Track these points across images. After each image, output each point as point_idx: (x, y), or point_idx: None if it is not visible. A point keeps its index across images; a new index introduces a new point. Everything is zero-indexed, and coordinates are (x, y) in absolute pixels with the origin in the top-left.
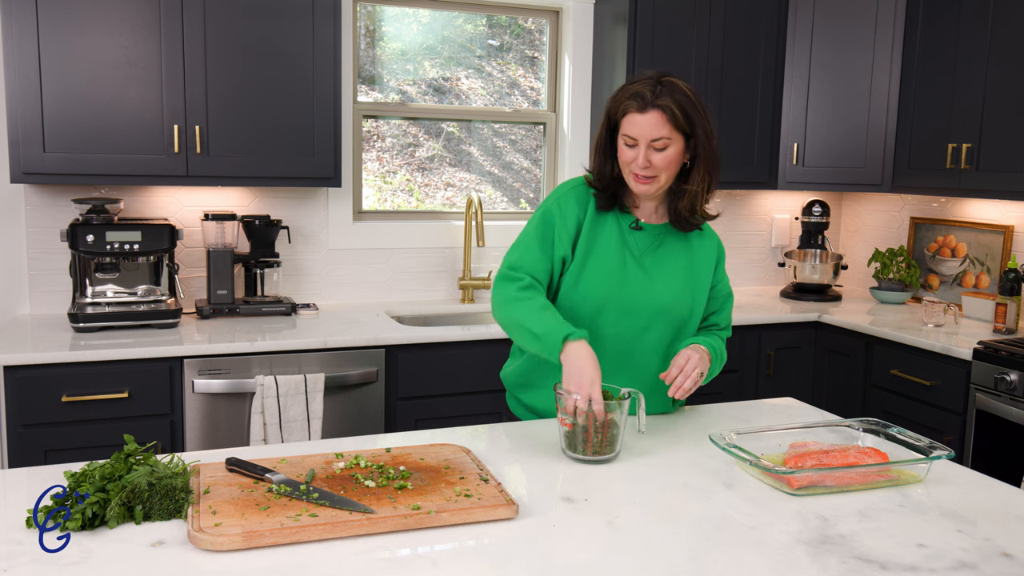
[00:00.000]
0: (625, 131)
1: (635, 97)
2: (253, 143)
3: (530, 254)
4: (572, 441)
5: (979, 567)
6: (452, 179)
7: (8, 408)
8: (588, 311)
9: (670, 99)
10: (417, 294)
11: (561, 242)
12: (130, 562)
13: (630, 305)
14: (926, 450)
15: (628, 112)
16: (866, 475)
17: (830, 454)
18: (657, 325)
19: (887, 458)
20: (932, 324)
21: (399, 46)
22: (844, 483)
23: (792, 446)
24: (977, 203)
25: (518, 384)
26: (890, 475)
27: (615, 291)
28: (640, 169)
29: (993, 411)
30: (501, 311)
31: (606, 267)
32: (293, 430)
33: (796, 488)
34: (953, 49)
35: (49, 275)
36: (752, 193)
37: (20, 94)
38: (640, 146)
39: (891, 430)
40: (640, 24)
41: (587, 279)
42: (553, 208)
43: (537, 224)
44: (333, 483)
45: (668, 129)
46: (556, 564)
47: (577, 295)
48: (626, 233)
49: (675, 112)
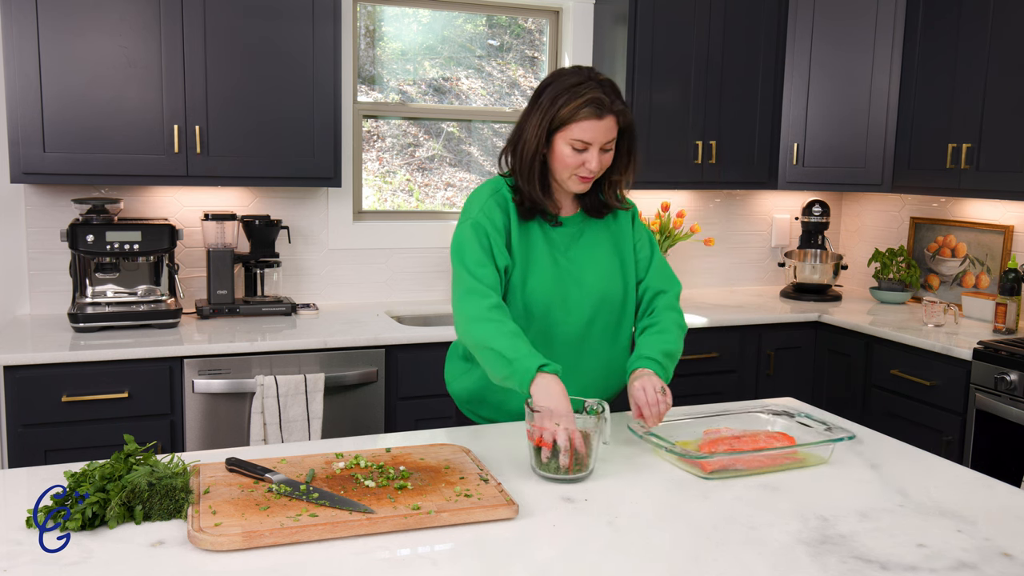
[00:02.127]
0: (577, 136)
1: (592, 103)
2: (253, 143)
3: (482, 267)
4: (547, 464)
5: (979, 567)
6: (452, 179)
7: (8, 408)
8: (536, 313)
9: (621, 103)
10: (417, 294)
11: (500, 250)
12: (130, 562)
13: (569, 302)
14: (828, 433)
15: (584, 119)
16: (775, 458)
17: (741, 439)
18: (600, 314)
19: (794, 441)
20: (932, 324)
21: (399, 46)
22: (754, 466)
23: (706, 432)
24: (977, 203)
25: (472, 400)
26: (797, 457)
27: (553, 291)
28: (592, 172)
29: (993, 411)
30: (471, 329)
31: (543, 269)
32: (293, 430)
33: (709, 472)
34: (953, 49)
35: (49, 275)
36: (752, 193)
37: (20, 94)
38: (593, 150)
39: (797, 416)
40: (640, 24)
41: (531, 282)
42: (481, 219)
43: (472, 236)
44: (333, 483)
45: (615, 132)
46: (556, 564)
47: (523, 299)
48: (549, 231)
49: (626, 115)
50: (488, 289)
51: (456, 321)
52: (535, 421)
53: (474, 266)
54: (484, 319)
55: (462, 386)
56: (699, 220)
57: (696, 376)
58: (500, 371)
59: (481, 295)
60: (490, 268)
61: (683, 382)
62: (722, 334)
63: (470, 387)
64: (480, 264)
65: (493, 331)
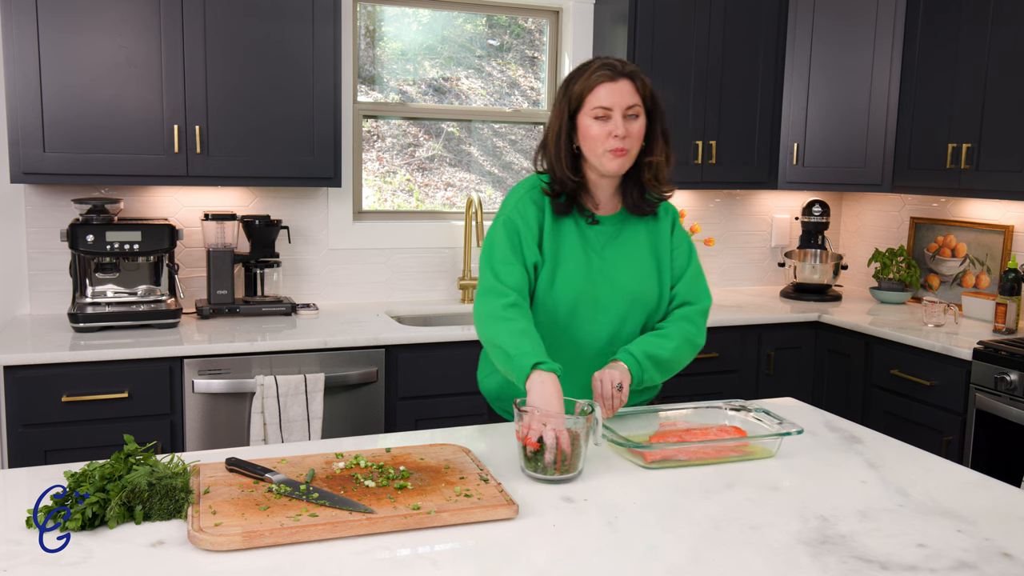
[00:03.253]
0: (598, 103)
1: (604, 68)
2: (253, 143)
3: (508, 265)
4: (534, 463)
5: (979, 567)
6: (452, 179)
7: (8, 408)
8: (564, 311)
9: (637, 70)
10: (417, 294)
11: (530, 248)
12: (130, 562)
13: (601, 301)
14: (779, 428)
15: (600, 84)
16: (721, 450)
17: (691, 432)
18: (632, 316)
19: (745, 435)
20: (932, 324)
21: (399, 46)
22: (698, 457)
23: (661, 425)
24: (977, 203)
25: (500, 398)
26: (745, 450)
27: (585, 289)
28: (619, 140)
29: (993, 411)
30: (483, 326)
31: (574, 266)
32: (293, 430)
33: (649, 462)
34: (953, 49)
35: (49, 275)
36: (752, 193)
37: (20, 94)
38: (615, 114)
39: (752, 412)
40: (640, 24)
41: (560, 280)
42: (514, 216)
43: (503, 234)
44: (333, 483)
45: (638, 98)
46: (556, 564)
47: (552, 297)
48: (585, 228)
49: (644, 82)
50: (507, 288)
51: (474, 317)
52: (523, 421)
53: (499, 265)
54: (496, 317)
55: (490, 384)
56: (699, 220)
57: (696, 376)
58: (503, 366)
59: (498, 294)
60: (515, 266)
61: (683, 382)
62: (722, 334)
63: (497, 385)
64: (505, 262)
65: (501, 328)
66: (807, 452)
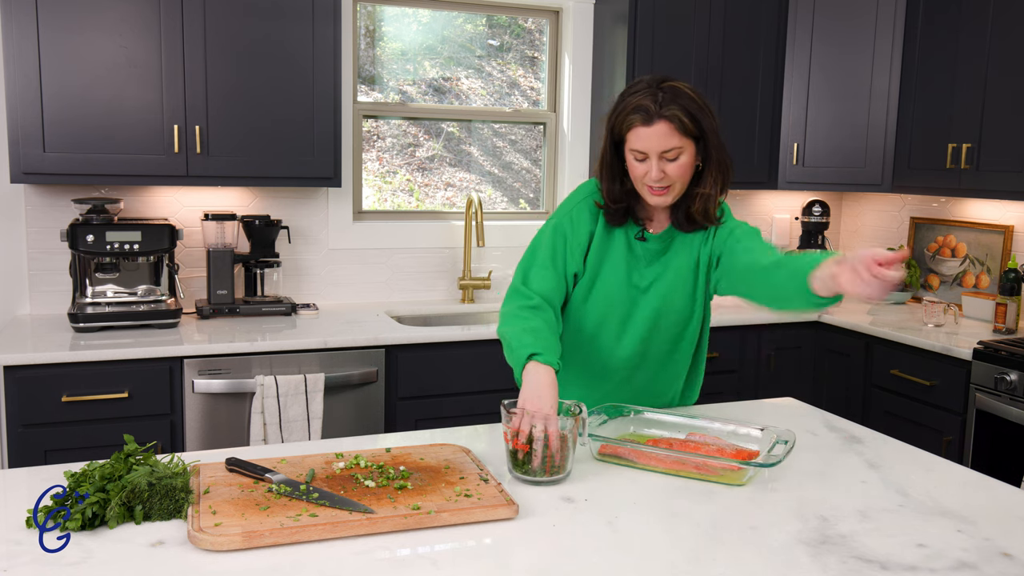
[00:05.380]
0: (633, 146)
1: (638, 110)
2: (253, 143)
3: (542, 270)
4: (522, 462)
5: (979, 567)
6: (452, 179)
7: (8, 408)
8: (592, 324)
9: (675, 107)
10: (417, 294)
11: (573, 257)
12: (130, 562)
13: (630, 319)
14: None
15: (633, 127)
16: (682, 462)
17: (685, 444)
18: (656, 334)
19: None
20: (932, 324)
21: (399, 46)
22: (650, 464)
23: (689, 435)
24: (977, 203)
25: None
26: (713, 470)
27: (617, 306)
28: (655, 182)
29: (993, 411)
30: (500, 324)
31: (613, 282)
32: (293, 430)
33: (599, 453)
34: (953, 49)
35: (49, 275)
36: (752, 193)
37: (20, 94)
38: (651, 159)
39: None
40: (640, 24)
41: (596, 294)
42: (565, 222)
43: (549, 238)
44: (333, 483)
45: (677, 138)
46: (556, 564)
47: (584, 309)
48: (634, 244)
49: (683, 120)
50: (531, 292)
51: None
52: (511, 422)
53: (534, 268)
54: (513, 315)
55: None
56: None
57: None
58: (508, 360)
59: (521, 296)
60: (551, 272)
61: None
62: (722, 334)
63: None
64: (542, 266)
65: (514, 324)
66: (807, 452)
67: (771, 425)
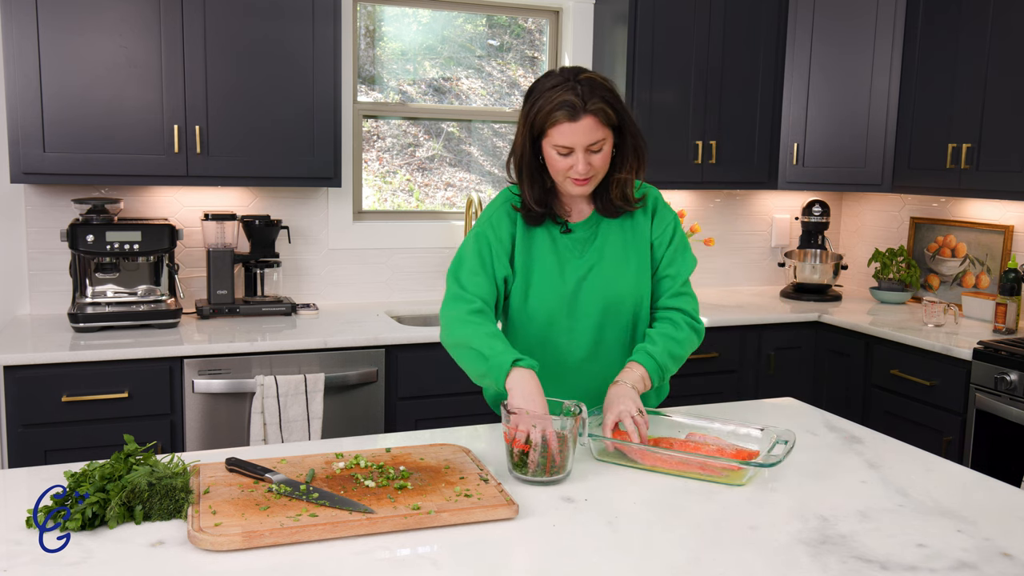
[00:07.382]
0: (557, 141)
1: (563, 106)
2: (253, 143)
3: (475, 276)
4: (522, 465)
5: (979, 567)
6: (452, 179)
7: (8, 408)
8: (540, 324)
9: (598, 100)
10: (417, 294)
11: (500, 262)
12: (130, 562)
13: (577, 310)
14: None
15: (558, 123)
16: (685, 463)
17: (685, 444)
18: (609, 320)
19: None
20: (932, 324)
21: (399, 46)
22: (650, 463)
23: (689, 435)
24: (977, 203)
25: (497, 401)
26: (714, 470)
27: (559, 301)
28: (580, 175)
29: (993, 411)
30: (450, 330)
31: (547, 279)
32: (293, 430)
33: (599, 453)
34: (953, 49)
35: (49, 275)
36: (752, 193)
37: (20, 94)
38: (577, 153)
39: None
40: (640, 24)
41: (533, 294)
42: (486, 228)
43: (473, 244)
44: (333, 483)
45: (602, 130)
46: (556, 564)
47: (527, 311)
48: (558, 238)
49: (607, 112)
50: (473, 296)
51: (440, 325)
52: (510, 423)
53: (465, 276)
54: (464, 321)
55: (491, 392)
56: (699, 220)
57: (696, 376)
58: (478, 368)
59: (465, 301)
60: (483, 278)
61: (683, 382)
62: (722, 334)
63: (495, 392)
64: (473, 273)
65: (472, 331)
66: (807, 452)
67: (771, 425)
